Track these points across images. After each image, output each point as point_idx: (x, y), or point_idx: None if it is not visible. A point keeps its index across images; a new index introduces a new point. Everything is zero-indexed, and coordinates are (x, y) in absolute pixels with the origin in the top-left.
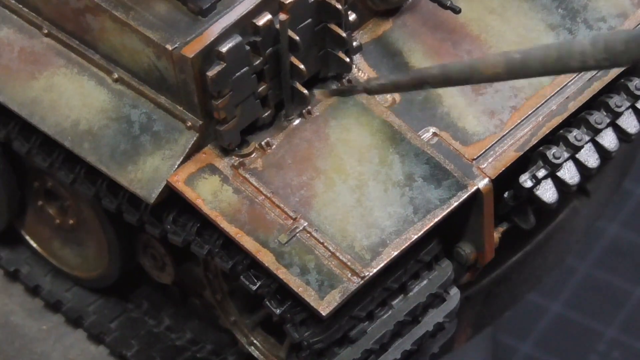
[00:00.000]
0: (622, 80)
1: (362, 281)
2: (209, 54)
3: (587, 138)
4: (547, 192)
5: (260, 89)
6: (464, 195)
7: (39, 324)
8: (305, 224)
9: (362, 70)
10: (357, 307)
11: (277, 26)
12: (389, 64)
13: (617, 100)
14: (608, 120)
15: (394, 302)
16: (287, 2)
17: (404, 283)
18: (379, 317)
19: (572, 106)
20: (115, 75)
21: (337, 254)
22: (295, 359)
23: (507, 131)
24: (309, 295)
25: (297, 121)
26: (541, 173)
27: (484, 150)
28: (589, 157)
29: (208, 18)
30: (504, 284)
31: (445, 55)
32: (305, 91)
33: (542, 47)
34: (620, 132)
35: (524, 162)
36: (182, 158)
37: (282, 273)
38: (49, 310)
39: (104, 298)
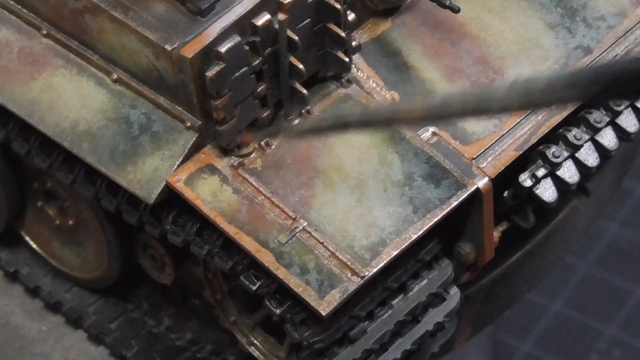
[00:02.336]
0: None
1: (362, 281)
2: (208, 54)
3: (586, 137)
4: (547, 191)
5: (260, 89)
6: (463, 195)
7: (38, 324)
8: (305, 223)
9: (361, 70)
10: (357, 306)
11: (276, 26)
12: (388, 63)
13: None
14: (607, 119)
15: (394, 302)
16: (286, 2)
17: (404, 282)
18: (379, 317)
19: (572, 105)
20: (115, 76)
21: (337, 253)
22: (296, 358)
23: (506, 130)
24: (309, 295)
25: (296, 121)
26: (541, 172)
27: (483, 149)
28: (589, 156)
29: (207, 18)
30: (504, 283)
31: (444, 55)
32: (305, 91)
33: (461, 92)
34: (619, 131)
35: (524, 161)
36: (181, 158)
37: (281, 273)
38: (48, 311)
39: (103, 298)
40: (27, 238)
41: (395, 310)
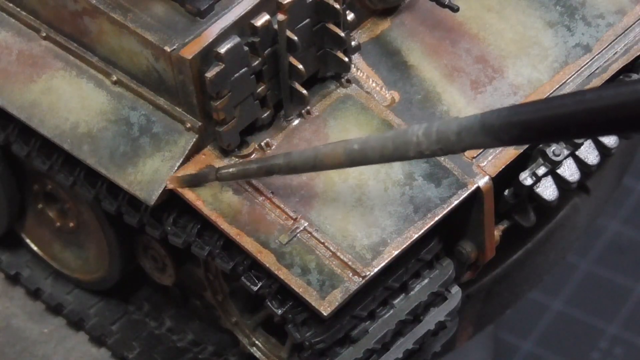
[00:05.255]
0: (621, 77)
1: (363, 281)
2: (208, 55)
3: None
4: (547, 190)
5: (259, 89)
6: (464, 194)
7: (40, 327)
8: (306, 224)
9: (360, 69)
10: (358, 306)
11: (275, 26)
12: (387, 63)
13: None
14: None
15: (395, 301)
16: (285, 2)
17: (405, 282)
18: (381, 317)
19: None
20: (114, 77)
21: (338, 253)
22: (297, 359)
23: None
24: (310, 296)
25: (296, 121)
26: (541, 170)
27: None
28: (589, 154)
29: (206, 19)
30: (505, 282)
31: (443, 54)
32: (304, 91)
33: (379, 137)
34: None
35: (524, 159)
36: (181, 159)
37: (283, 273)
38: (50, 313)
39: (104, 300)
40: (27, 240)
41: (397, 310)
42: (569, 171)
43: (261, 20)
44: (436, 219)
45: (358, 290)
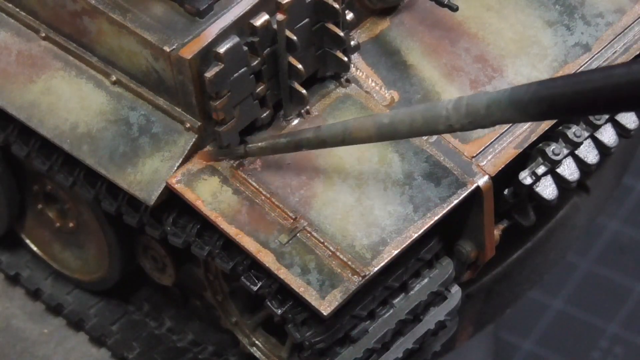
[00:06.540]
0: None
1: (363, 280)
2: (207, 55)
3: (586, 134)
4: (547, 189)
5: (259, 89)
6: (463, 193)
7: (40, 327)
8: (305, 223)
9: (360, 69)
10: (358, 306)
11: (275, 26)
12: (387, 62)
13: None
14: (607, 116)
15: (395, 301)
16: (285, 2)
17: (405, 282)
18: (381, 316)
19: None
20: (113, 78)
21: (338, 253)
22: (297, 359)
23: (506, 128)
24: (310, 295)
25: (295, 121)
26: (541, 170)
27: (483, 147)
28: (589, 153)
29: (205, 19)
30: (505, 281)
31: (443, 53)
32: (304, 91)
33: (409, 111)
34: (619, 128)
35: (524, 159)
36: (181, 159)
37: (282, 273)
38: (50, 313)
39: (104, 300)
40: (27, 241)
41: (397, 310)
42: (569, 170)
43: (260, 20)
44: (436, 218)
45: (358, 289)
